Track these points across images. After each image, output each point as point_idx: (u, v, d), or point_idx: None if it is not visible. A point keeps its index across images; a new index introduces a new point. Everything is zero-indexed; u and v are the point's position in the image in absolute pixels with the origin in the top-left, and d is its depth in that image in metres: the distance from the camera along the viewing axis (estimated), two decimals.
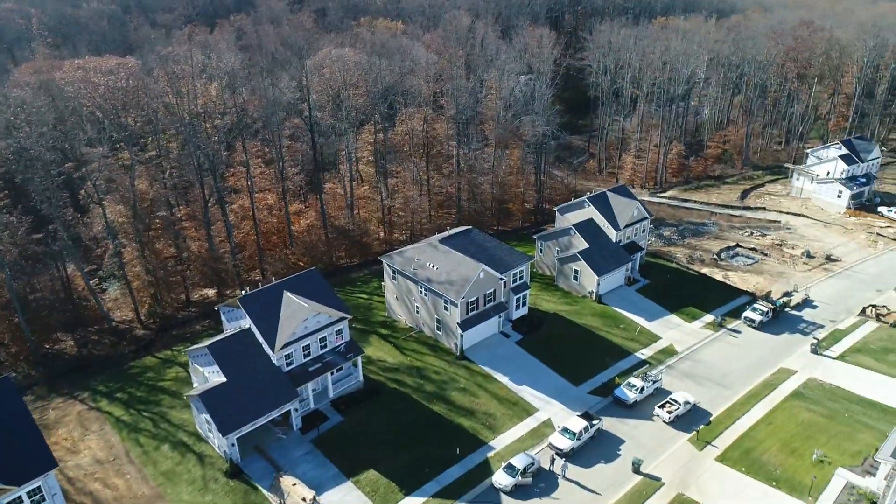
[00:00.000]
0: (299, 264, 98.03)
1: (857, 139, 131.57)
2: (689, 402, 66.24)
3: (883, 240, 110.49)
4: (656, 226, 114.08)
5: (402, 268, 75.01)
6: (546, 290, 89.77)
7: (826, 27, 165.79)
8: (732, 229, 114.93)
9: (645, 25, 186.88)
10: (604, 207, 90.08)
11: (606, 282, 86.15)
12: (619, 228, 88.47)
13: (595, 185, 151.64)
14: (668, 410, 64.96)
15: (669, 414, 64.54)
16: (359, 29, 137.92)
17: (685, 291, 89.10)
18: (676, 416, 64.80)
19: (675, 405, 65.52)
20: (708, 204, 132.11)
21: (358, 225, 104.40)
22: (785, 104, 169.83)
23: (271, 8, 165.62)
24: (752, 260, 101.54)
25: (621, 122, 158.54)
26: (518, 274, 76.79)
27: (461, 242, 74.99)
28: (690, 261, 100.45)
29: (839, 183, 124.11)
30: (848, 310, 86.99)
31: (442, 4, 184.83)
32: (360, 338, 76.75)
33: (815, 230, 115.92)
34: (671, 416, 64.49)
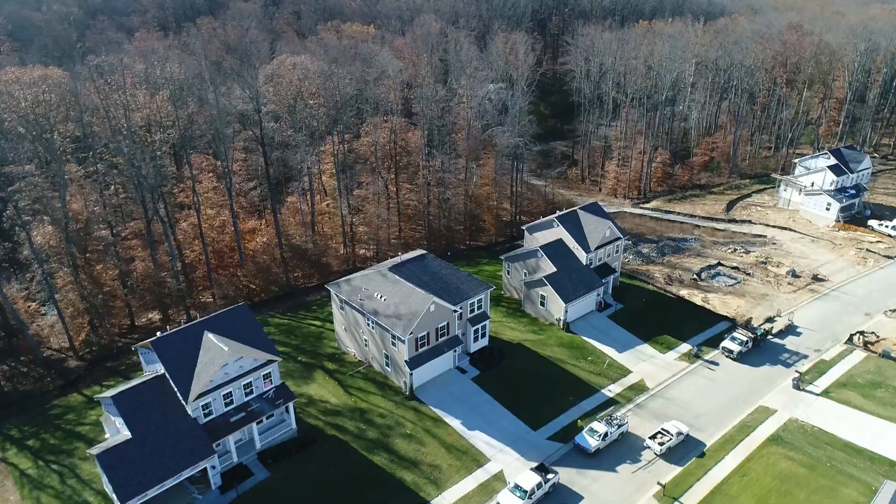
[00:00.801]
0: (251, 286, 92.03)
1: (846, 149, 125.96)
2: (681, 433, 61.89)
3: (873, 256, 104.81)
4: (635, 242, 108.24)
5: (348, 297, 68.94)
6: (512, 315, 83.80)
7: (815, 31, 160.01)
8: (715, 245, 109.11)
9: (630, 28, 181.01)
10: (574, 227, 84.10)
11: (575, 308, 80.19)
12: (589, 250, 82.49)
13: (577, 195, 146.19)
14: (659, 442, 60.46)
15: (661, 446, 60.16)
16: (325, 34, 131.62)
17: (661, 317, 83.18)
18: (668, 447, 60.48)
19: (666, 436, 61.05)
20: (692, 216, 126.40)
21: (316, 243, 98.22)
22: (775, 110, 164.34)
23: (241, 11, 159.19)
24: (734, 280, 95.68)
25: (605, 129, 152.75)
26: (475, 304, 70.75)
27: (413, 270, 68.92)
28: (669, 281, 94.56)
29: (827, 195, 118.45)
30: (834, 336, 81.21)
31: (420, 7, 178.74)
32: (303, 373, 70.74)
33: (801, 246, 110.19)
34: (662, 448, 60.06)
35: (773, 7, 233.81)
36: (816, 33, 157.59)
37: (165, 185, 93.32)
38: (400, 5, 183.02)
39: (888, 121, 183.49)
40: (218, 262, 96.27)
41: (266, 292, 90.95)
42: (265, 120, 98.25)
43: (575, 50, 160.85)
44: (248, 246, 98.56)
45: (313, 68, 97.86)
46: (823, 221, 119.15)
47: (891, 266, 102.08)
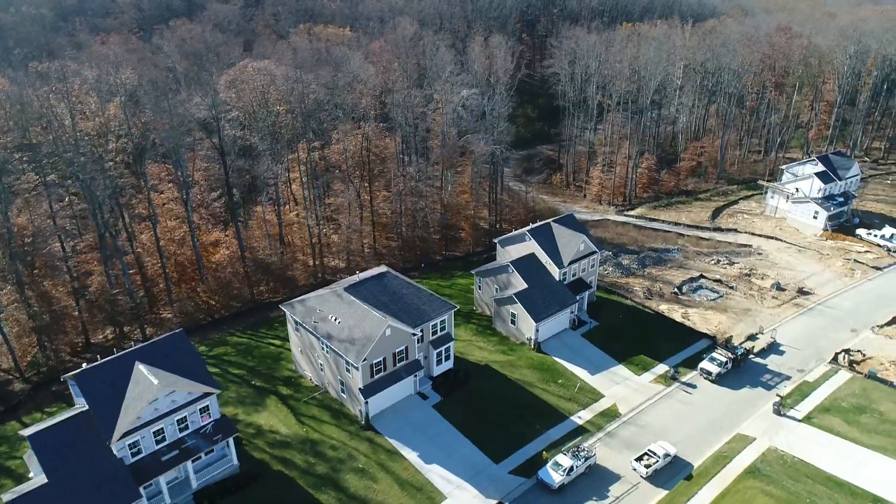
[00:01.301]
0: (211, 302, 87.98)
1: (834, 155, 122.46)
2: (668, 455, 59.13)
3: (861, 267, 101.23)
4: (615, 253, 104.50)
5: (303, 319, 64.95)
6: (482, 334, 79.91)
7: (804, 33, 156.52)
8: (699, 256, 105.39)
9: (615, 30, 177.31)
10: (546, 241, 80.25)
11: (547, 327, 76.32)
12: (562, 265, 78.63)
13: (560, 202, 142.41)
14: (645, 464, 57.68)
15: (647, 468, 57.38)
16: (298, 37, 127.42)
17: (638, 335, 79.36)
18: (655, 470, 57.76)
19: (653, 458, 58.33)
20: (677, 224, 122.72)
21: (282, 255, 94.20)
22: (765, 113, 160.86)
23: (217, 13, 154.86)
24: (716, 294, 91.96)
25: (588, 134, 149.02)
26: (438, 325, 66.81)
27: (371, 290, 64.96)
28: (648, 295, 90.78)
29: (815, 203, 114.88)
30: (818, 355, 77.53)
31: (402, 9, 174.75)
32: (256, 399, 66.72)
33: (788, 256, 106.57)
34: (649, 471, 57.30)
35: (765, 8, 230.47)
36: (805, 35, 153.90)
37: (124, 195, 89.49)
38: (381, 6, 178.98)
39: (879, 124, 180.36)
40: (180, 276, 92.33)
41: (227, 308, 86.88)
42: (231, 127, 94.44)
43: (559, 53, 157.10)
44: (212, 259, 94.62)
45: (279, 73, 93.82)
46: (811, 230, 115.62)
47: (879, 277, 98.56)
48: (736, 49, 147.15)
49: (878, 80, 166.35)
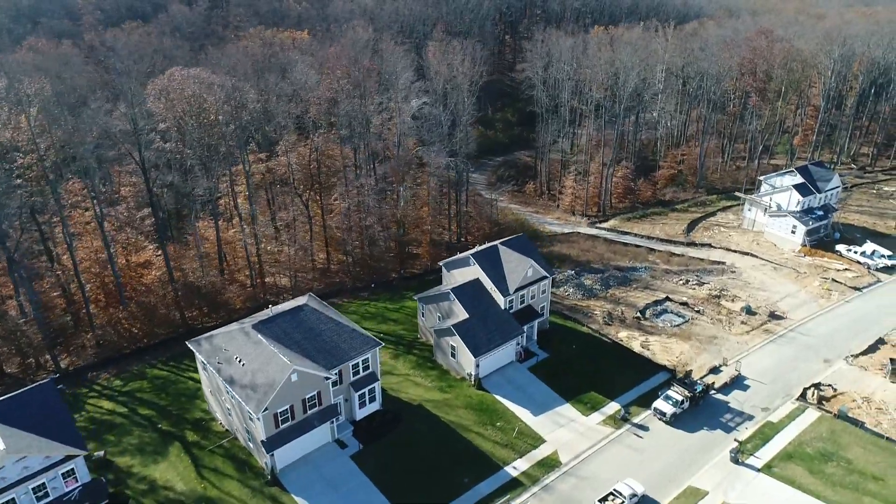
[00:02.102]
0: (133, 330, 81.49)
1: (814, 166, 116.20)
2: (635, 495, 54.26)
3: (838, 288, 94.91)
4: (578, 272, 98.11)
5: (207, 359, 58.57)
6: (421, 367, 73.48)
7: (786, 36, 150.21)
8: (667, 275, 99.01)
9: (584, 33, 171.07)
10: (492, 266, 73.85)
11: (489, 361, 69.93)
12: (507, 293, 72.22)
13: (532, 212, 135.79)
14: None
15: None
16: (248, 41, 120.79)
17: (590, 368, 72.99)
18: None
19: (618, 498, 53.48)
20: (649, 238, 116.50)
21: (213, 277, 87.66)
22: (749, 119, 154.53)
23: (172, 16, 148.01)
24: (681, 319, 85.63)
25: (560, 142, 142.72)
26: (360, 365, 60.41)
27: (283, 327, 58.53)
28: (609, 320, 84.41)
29: (793, 217, 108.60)
30: (786, 390, 71.27)
31: (372, 12, 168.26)
32: (158, 447, 60.28)
33: (762, 275, 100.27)
34: None
35: (751, 10, 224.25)
36: (787, 39, 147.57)
37: (44, 213, 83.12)
38: (352, 8, 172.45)
39: (867, 129, 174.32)
40: (108, 301, 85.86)
41: (150, 336, 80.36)
42: (163, 139, 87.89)
43: (532, 56, 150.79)
44: (143, 281, 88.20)
45: (215, 82, 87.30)
46: (789, 245, 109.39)
47: (857, 299, 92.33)
48: (715, 53, 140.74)
49: (865, 84, 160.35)
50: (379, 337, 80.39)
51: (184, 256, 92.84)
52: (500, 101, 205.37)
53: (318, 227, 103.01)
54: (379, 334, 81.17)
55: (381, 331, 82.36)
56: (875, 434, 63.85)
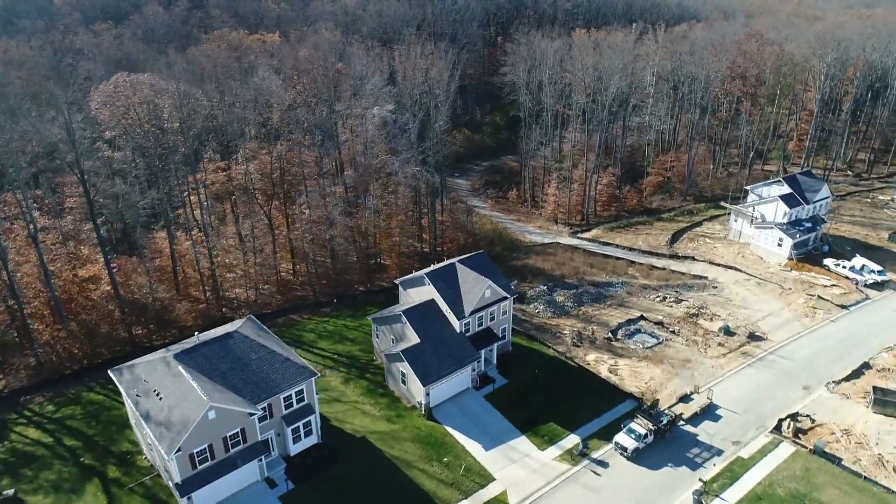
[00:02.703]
0: (73, 350, 77.23)
1: (802, 175, 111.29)
2: None
3: (824, 306, 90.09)
4: (550, 288, 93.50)
5: (127, 390, 54.28)
6: (372, 393, 69.05)
7: (777, 40, 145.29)
8: (645, 291, 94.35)
9: (569, 36, 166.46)
10: (448, 286, 69.34)
11: (441, 389, 65.46)
12: (462, 316, 67.69)
13: (514, 221, 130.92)
14: None
15: None
16: (211, 44, 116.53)
17: (552, 396, 68.44)
18: None
19: None
20: (631, 249, 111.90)
21: (160, 296, 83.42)
22: (741, 124, 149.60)
23: (145, 17, 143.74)
24: (654, 340, 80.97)
25: (543, 148, 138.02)
26: (293, 397, 56.03)
27: (208, 356, 54.18)
28: (578, 341, 79.81)
29: (779, 229, 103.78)
30: (760, 421, 66.62)
31: (355, 15, 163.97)
32: (76, 484, 55.96)
33: (745, 291, 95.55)
34: None
35: (746, 11, 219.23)
36: (778, 42, 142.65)
37: None
38: (334, 10, 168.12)
39: (864, 134, 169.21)
40: (54, 318, 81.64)
41: (90, 357, 76.08)
42: (110, 149, 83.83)
43: (514, 59, 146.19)
44: (91, 297, 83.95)
45: (165, 88, 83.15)
46: (775, 258, 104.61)
47: (844, 318, 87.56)
48: (703, 56, 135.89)
49: (862, 88, 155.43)
50: (333, 358, 76.73)
51: (136, 270, 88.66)
52: (489, 103, 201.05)
53: (282, 239, 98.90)
54: (333, 355, 77.26)
55: (336, 351, 78.15)
56: (853, 473, 59.13)
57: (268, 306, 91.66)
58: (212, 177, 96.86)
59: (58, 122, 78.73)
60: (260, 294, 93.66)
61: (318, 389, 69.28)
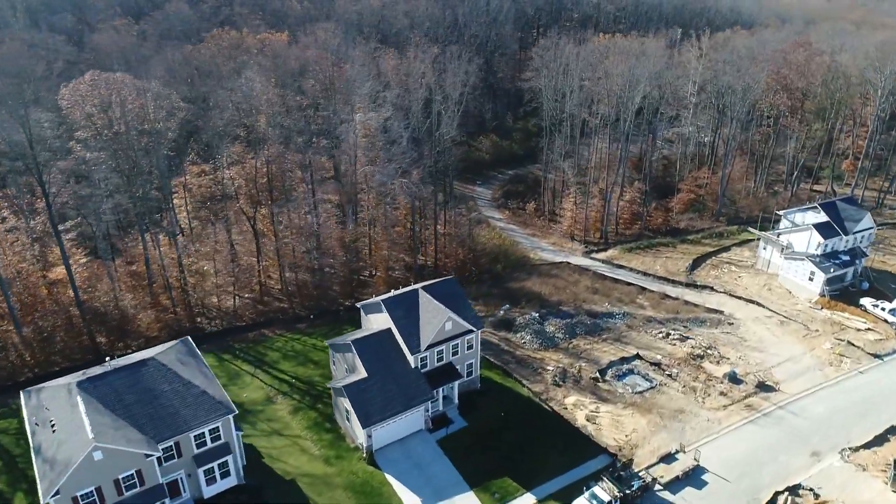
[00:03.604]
0: (25, 358, 74.25)
1: (843, 202, 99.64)
2: None
3: (853, 353, 79.37)
4: (543, 315, 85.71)
5: (29, 416, 50.09)
6: (318, 427, 63.25)
7: (829, 50, 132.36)
8: (649, 325, 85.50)
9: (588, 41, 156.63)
10: (406, 314, 62.83)
11: (388, 430, 59.05)
12: (417, 349, 61.07)
13: (528, 235, 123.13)
14: None
15: None
16: (209, 43, 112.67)
17: (515, 444, 61.07)
18: None
19: None
20: (646, 275, 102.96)
21: (124, 303, 79.89)
22: (787, 141, 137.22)
23: (167, 14, 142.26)
24: (647, 384, 72.34)
25: (562, 159, 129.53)
26: (207, 435, 50.70)
27: (117, 386, 49.38)
28: (560, 380, 71.96)
29: (811, 261, 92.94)
30: (754, 491, 57.69)
31: (380, 14, 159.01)
32: None
33: (764, 330, 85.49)
34: None
35: (807, 18, 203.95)
36: (830, 52, 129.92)
37: None
38: (360, 8, 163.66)
39: None
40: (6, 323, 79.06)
41: (44, 366, 73.04)
42: (83, 149, 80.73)
43: (538, 64, 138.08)
44: (61, 300, 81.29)
45: (146, 88, 79.61)
46: (805, 294, 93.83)
47: (874, 370, 76.73)
48: (741, 65, 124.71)
49: None
50: (290, 382, 71.49)
51: (106, 276, 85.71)
52: (522, 108, 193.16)
53: (267, 248, 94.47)
54: (292, 379, 72.12)
55: (296, 374, 72.89)
56: None
57: (242, 318, 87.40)
58: (195, 180, 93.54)
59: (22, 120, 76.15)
60: (238, 305, 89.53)
61: (263, 419, 64.75)
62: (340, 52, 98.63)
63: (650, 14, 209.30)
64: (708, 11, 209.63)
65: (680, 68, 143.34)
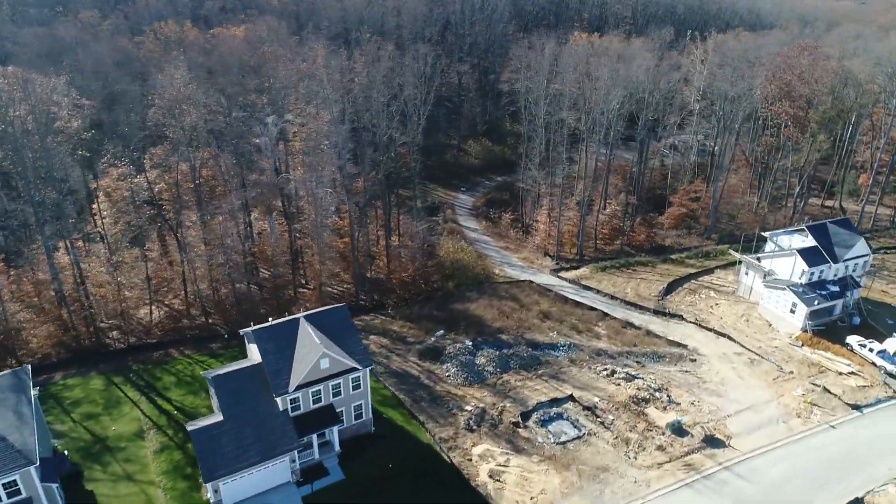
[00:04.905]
0: None
1: (835, 224, 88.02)
2: None
3: (827, 402, 68.51)
4: (477, 345, 76.65)
5: None
6: (177, 472, 55.35)
7: (837, 55, 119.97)
8: (597, 358, 75.85)
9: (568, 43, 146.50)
10: (278, 348, 54.63)
11: (243, 484, 50.93)
12: (284, 390, 52.87)
13: (500, 249, 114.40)
14: None
15: None
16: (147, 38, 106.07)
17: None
18: None
19: None
20: (613, 298, 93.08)
21: (5, 318, 73.48)
22: (795, 152, 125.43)
23: (137, 7, 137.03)
24: (575, 432, 62.82)
25: (536, 169, 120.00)
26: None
27: None
28: (474, 424, 62.97)
29: (792, 291, 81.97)
30: None
31: (362, 12, 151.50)
32: None
33: (730, 369, 75.03)
34: None
35: (830, 21, 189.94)
36: (839, 57, 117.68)
37: None
38: (345, 5, 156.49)
39: None
40: None
41: None
42: None
43: (518, 65, 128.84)
44: None
45: (51, 85, 73.49)
46: (787, 327, 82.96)
47: (849, 424, 65.85)
48: (738, 71, 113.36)
49: None
50: (171, 414, 64.10)
51: (16, 283, 79.79)
52: (503, 111, 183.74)
53: (193, 259, 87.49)
54: (175, 410, 64.63)
55: (182, 404, 65.46)
56: None
57: (152, 335, 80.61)
58: (114, 184, 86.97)
59: None
60: (154, 319, 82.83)
61: (121, 458, 57.50)
62: (283, 50, 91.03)
63: (662, 15, 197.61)
64: (724, 13, 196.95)
65: (680, 72, 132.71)
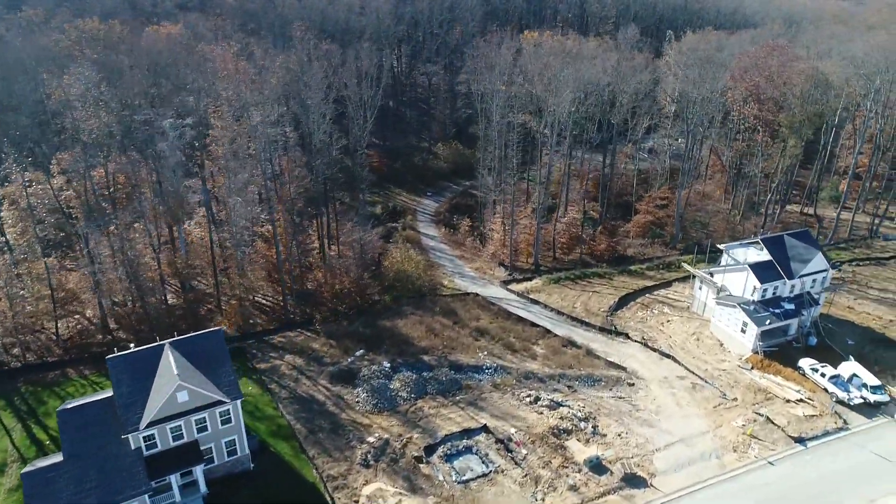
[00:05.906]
0: None
1: (793, 237, 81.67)
2: None
3: (768, 434, 62.47)
4: (394, 367, 70.93)
5: None
6: None
7: (804, 56, 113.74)
8: (526, 381, 70.14)
9: None
10: (134, 379, 48.99)
11: None
12: (135, 427, 47.27)
13: (455, 257, 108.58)
14: None
15: None
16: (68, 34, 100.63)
17: None
18: None
19: None
20: (560, 313, 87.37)
21: None
22: (763, 157, 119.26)
23: None
24: (482, 469, 56.96)
25: (487, 174, 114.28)
26: None
27: None
28: (372, 458, 57.23)
29: (742, 309, 75.88)
30: None
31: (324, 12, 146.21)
32: None
33: (668, 396, 69.10)
34: None
35: (816, 19, 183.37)
36: (806, 58, 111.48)
37: None
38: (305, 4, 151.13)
39: None
40: None
41: None
42: None
43: (474, 66, 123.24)
44: None
45: None
46: (738, 348, 76.94)
47: (789, 460, 59.79)
48: (702, 72, 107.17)
49: None
50: (43, 445, 58.68)
51: None
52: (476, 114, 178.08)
53: (104, 271, 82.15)
54: (48, 440, 59.15)
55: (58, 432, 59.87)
56: None
57: (55, 353, 75.32)
58: (19, 191, 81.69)
59: None
60: (62, 336, 77.60)
61: None
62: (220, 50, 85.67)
63: (643, 14, 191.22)
64: (707, 13, 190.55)
65: (649, 73, 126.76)
